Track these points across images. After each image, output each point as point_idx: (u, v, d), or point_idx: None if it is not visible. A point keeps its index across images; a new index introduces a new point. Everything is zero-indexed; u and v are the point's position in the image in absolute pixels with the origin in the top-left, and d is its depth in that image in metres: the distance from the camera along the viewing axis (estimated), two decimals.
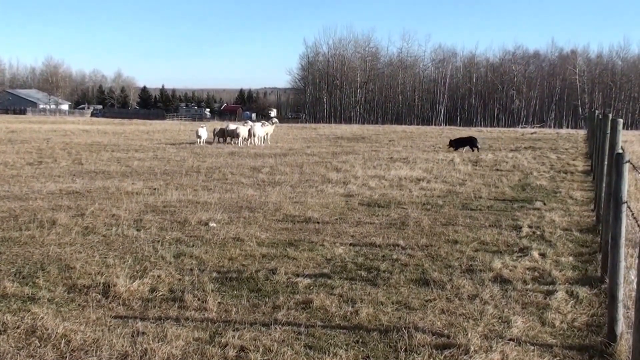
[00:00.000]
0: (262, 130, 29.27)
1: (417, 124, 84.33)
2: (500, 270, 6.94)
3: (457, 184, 14.34)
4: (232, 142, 28.41)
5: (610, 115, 10.49)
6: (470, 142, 25.12)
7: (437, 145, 28.14)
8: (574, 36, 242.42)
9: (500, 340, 4.98)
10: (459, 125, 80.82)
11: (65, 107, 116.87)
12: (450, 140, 26.15)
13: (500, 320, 5.45)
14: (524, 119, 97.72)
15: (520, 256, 7.64)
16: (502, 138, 35.82)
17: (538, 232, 9.06)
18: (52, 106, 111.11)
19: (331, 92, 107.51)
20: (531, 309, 5.78)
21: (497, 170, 17.69)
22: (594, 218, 9.98)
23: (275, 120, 36.27)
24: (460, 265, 7.23)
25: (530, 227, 9.42)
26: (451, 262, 7.40)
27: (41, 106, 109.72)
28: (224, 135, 28.99)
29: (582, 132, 43.65)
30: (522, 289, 6.33)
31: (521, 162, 20.01)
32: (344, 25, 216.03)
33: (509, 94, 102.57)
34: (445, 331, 5.18)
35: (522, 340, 5.02)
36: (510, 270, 6.96)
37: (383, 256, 7.64)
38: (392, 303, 5.88)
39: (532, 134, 42.26)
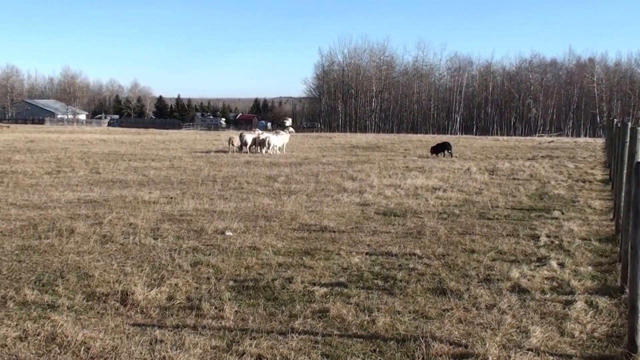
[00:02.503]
0: (278, 139, 29.41)
1: (433, 133, 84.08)
2: (518, 280, 6.91)
3: (473, 193, 14.29)
4: (254, 150, 28.75)
5: (630, 124, 10.41)
6: (445, 147, 27.56)
7: (423, 154, 28.09)
8: (592, 44, 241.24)
9: (518, 350, 4.96)
10: (475, 134, 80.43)
11: (82, 116, 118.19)
12: (432, 147, 28.36)
13: (518, 330, 5.42)
14: (541, 128, 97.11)
15: (539, 266, 7.59)
16: (519, 147, 35.63)
17: (556, 242, 9.00)
18: (70, 116, 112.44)
19: (346, 101, 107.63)
20: (550, 319, 5.74)
21: (514, 179, 17.60)
22: (613, 227, 9.89)
23: (291, 129, 36.30)
24: (478, 275, 7.20)
25: (548, 236, 9.37)
26: (468, 271, 7.37)
27: (59, 116, 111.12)
28: (241, 144, 29.23)
29: (600, 141, 43.30)
30: (540, 299, 6.29)
31: (538, 171, 19.89)
32: (359, 34, 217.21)
33: (525, 102, 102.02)
34: (463, 341, 5.16)
35: (541, 350, 4.99)
36: (529, 280, 6.93)
37: (399, 265, 7.64)
38: (409, 312, 5.88)
39: (549, 142, 42.00)
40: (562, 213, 11.57)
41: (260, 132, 32.30)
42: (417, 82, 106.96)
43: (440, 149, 27.52)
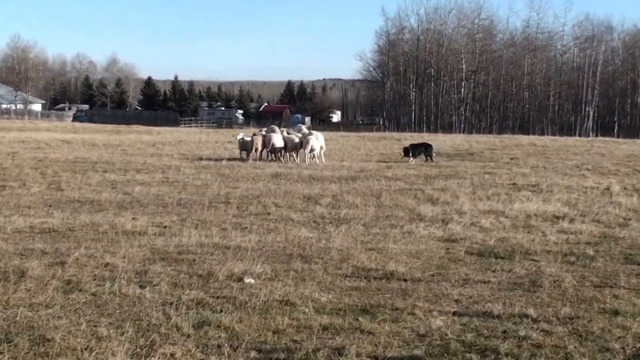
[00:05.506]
0: (319, 142, 29.58)
1: (553, 134, 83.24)
2: None
3: (616, 225, 14.07)
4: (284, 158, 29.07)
5: None
6: (425, 149, 31.72)
7: (393, 158, 27.68)
8: None
9: None
10: (618, 136, 79.15)
11: (37, 107, 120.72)
12: (404, 148, 32.19)
13: None
14: None
15: None
16: None
17: None
18: (20, 106, 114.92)
19: (422, 85, 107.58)
20: None
21: None
22: None
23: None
24: (624, 349, 7.08)
25: None
26: (609, 342, 7.25)
27: (4, 106, 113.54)
28: (264, 148, 29.56)
29: None
30: None
31: None
32: None
33: None
34: None
35: None
36: None
37: (504, 332, 7.56)
38: None
39: None
40: None
41: (293, 131, 32.59)
42: (528, 59, 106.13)
43: (417, 150, 31.61)
